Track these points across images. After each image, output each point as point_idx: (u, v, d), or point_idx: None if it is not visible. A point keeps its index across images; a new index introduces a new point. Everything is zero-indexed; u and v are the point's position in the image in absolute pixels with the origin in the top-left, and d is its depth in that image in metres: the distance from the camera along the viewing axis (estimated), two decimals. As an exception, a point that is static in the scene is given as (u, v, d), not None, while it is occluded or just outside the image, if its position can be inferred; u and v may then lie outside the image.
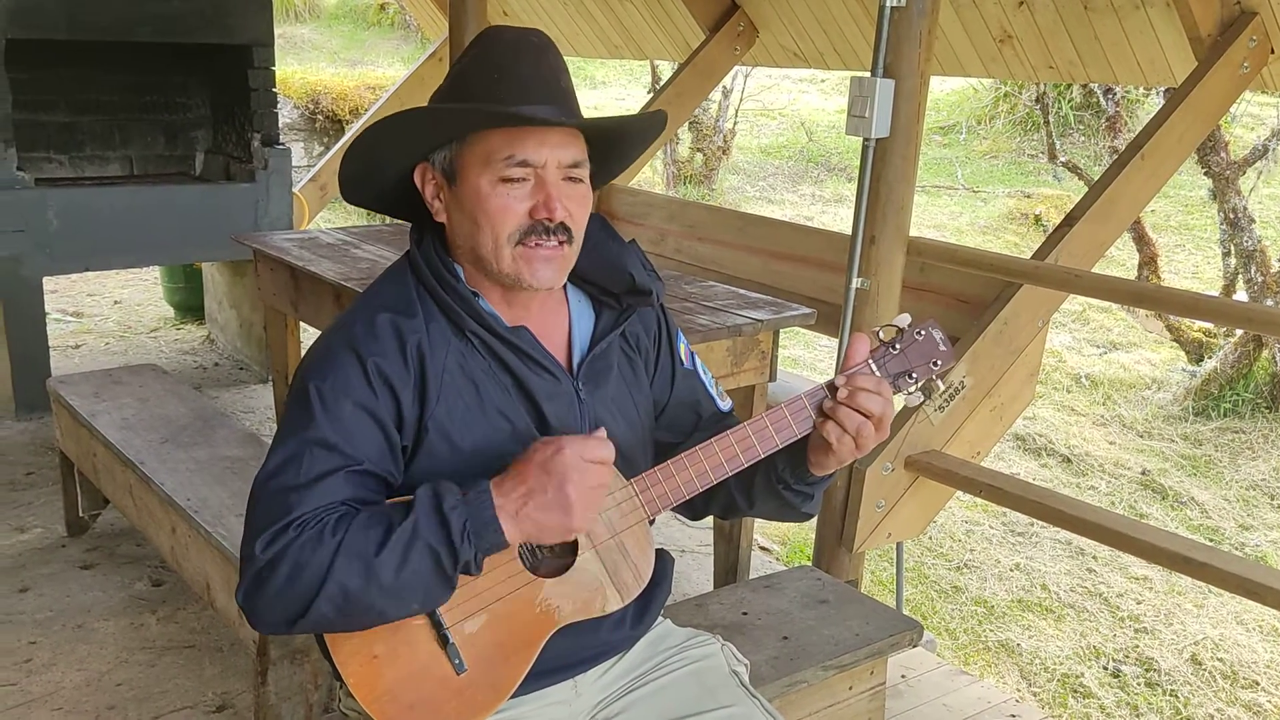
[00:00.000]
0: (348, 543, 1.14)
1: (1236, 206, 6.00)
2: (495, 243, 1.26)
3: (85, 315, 6.07)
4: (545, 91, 1.25)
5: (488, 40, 1.30)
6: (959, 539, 4.68)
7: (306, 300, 3.31)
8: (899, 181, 2.78)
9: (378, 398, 1.23)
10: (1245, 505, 5.16)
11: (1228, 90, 3.06)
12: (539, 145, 1.24)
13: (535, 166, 1.24)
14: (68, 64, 4.73)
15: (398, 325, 1.26)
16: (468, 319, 1.29)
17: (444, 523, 1.15)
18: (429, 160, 1.30)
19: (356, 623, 1.20)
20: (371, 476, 1.23)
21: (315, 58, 11.81)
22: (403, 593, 1.16)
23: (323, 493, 1.19)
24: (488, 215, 1.25)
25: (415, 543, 1.15)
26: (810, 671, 1.89)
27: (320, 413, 1.21)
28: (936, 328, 1.31)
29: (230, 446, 2.79)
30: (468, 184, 1.26)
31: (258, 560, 1.16)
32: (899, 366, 1.29)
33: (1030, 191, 9.43)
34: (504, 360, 1.30)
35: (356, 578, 1.14)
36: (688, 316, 2.73)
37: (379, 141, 1.28)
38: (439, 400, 1.26)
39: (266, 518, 1.18)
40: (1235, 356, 6.03)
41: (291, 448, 1.21)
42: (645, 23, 5.25)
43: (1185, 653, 3.96)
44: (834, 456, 1.28)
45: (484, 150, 1.25)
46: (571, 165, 1.27)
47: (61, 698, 2.52)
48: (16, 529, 3.38)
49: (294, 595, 1.15)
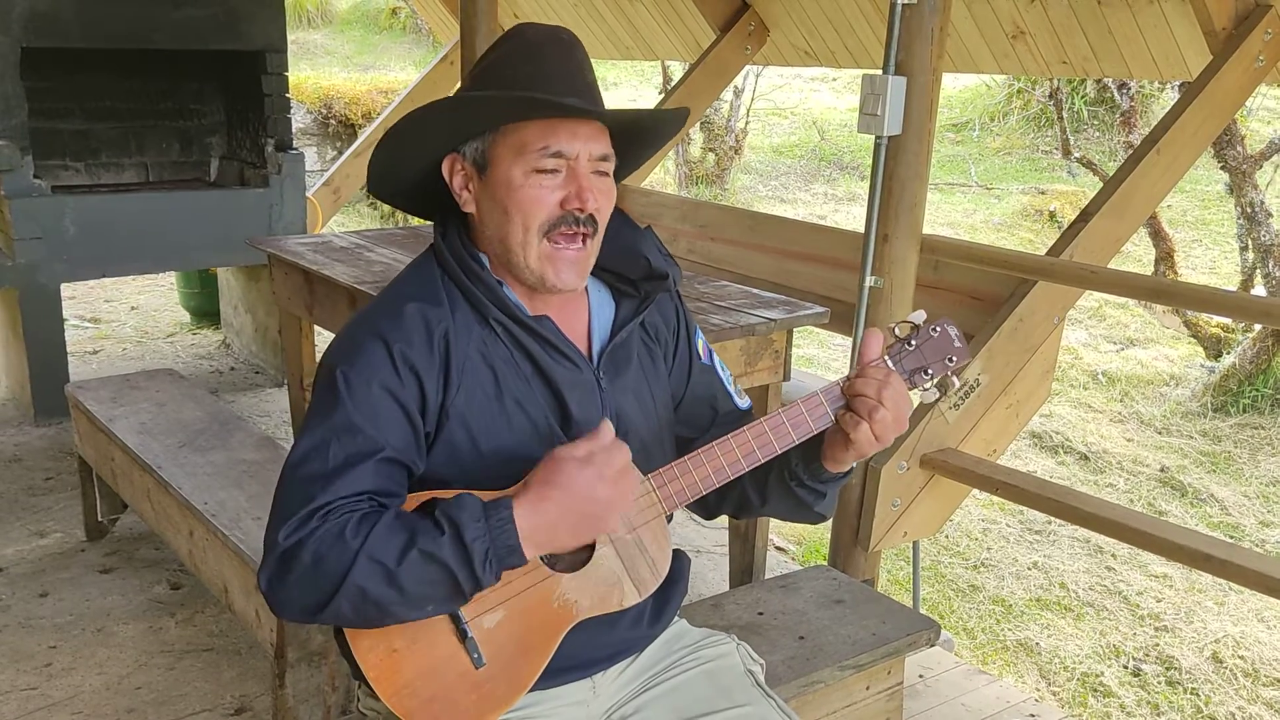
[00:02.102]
0: (369, 546, 1.15)
1: (1254, 201, 5.96)
2: (525, 233, 1.27)
3: (103, 321, 6.11)
4: (574, 85, 1.27)
5: (518, 36, 1.31)
6: (976, 537, 4.66)
7: (321, 304, 3.32)
8: (912, 179, 2.78)
9: (403, 383, 1.24)
10: (1266, 501, 5.12)
11: (1243, 84, 3.03)
12: (572, 137, 1.26)
13: (568, 158, 1.26)
14: (83, 72, 4.77)
15: (425, 314, 1.27)
16: (491, 306, 1.29)
17: (465, 552, 1.15)
18: (459, 151, 1.31)
19: (372, 622, 1.21)
20: (396, 465, 1.23)
21: (328, 63, 11.87)
22: (420, 601, 1.17)
23: (348, 482, 1.19)
24: (519, 205, 1.26)
25: (434, 563, 1.15)
26: (827, 671, 1.88)
27: (346, 397, 1.22)
28: (951, 325, 1.31)
29: (247, 450, 2.81)
30: (499, 174, 1.27)
31: (279, 547, 1.17)
32: (915, 363, 1.30)
33: (1045, 188, 9.38)
34: (526, 348, 1.31)
35: (376, 583, 1.15)
36: (701, 316, 2.72)
37: (416, 130, 1.29)
38: (459, 388, 1.27)
39: (291, 505, 1.19)
40: (1254, 352, 5.98)
41: (318, 435, 1.22)
42: (656, 23, 5.25)
43: (1206, 651, 3.93)
44: (853, 449, 1.27)
45: (518, 141, 1.26)
46: (601, 158, 1.29)
47: (82, 701, 2.54)
48: (36, 534, 3.40)
49: (314, 587, 1.16)
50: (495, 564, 1.16)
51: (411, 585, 1.15)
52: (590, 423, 1.30)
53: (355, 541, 1.15)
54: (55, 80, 4.70)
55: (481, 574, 1.16)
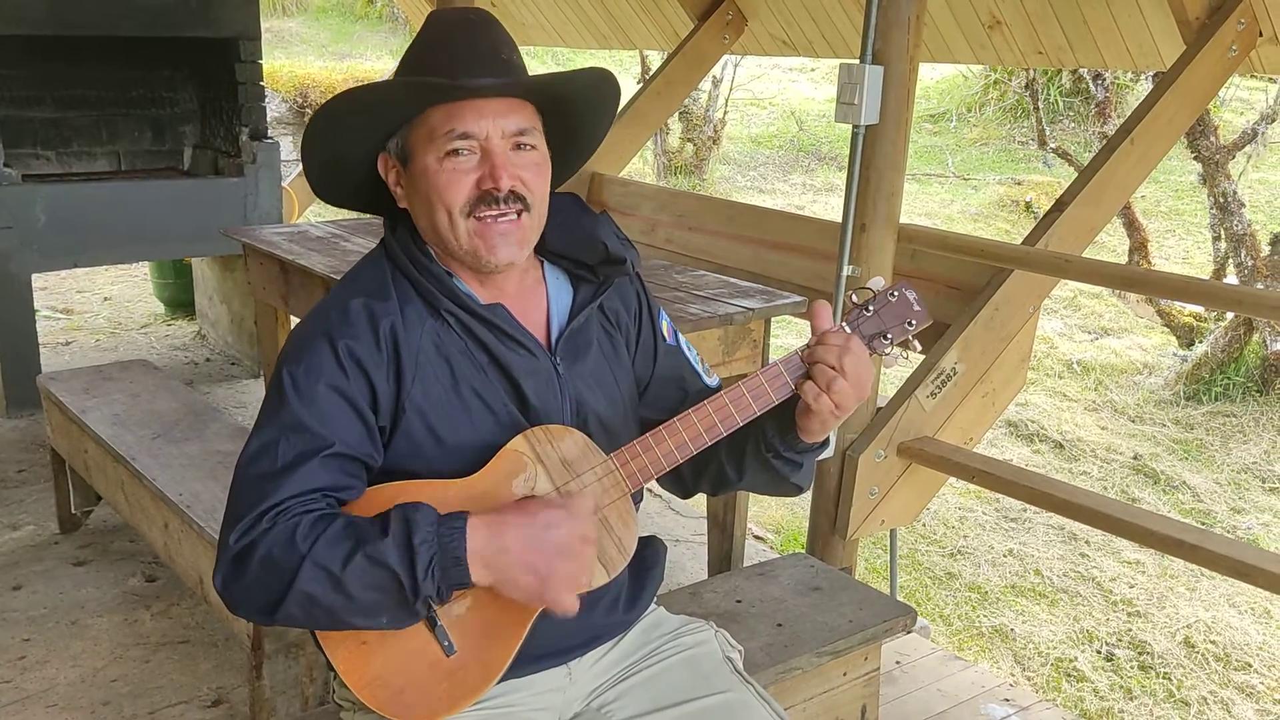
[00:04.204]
0: (316, 552, 1.14)
1: (1226, 191, 6.02)
2: (450, 217, 1.27)
3: (75, 312, 6.04)
4: (483, 64, 1.25)
5: (431, 22, 1.32)
6: (952, 525, 4.70)
7: (297, 294, 3.30)
8: (889, 168, 2.78)
9: (349, 379, 1.24)
10: (1237, 488, 5.18)
11: (1216, 74, 3.06)
12: (478, 116, 1.25)
13: (477, 138, 1.25)
14: (53, 60, 4.70)
15: (370, 308, 1.27)
16: (442, 298, 1.29)
17: (410, 555, 1.14)
18: (385, 149, 1.31)
19: (325, 627, 1.21)
20: (348, 460, 1.23)
21: (303, 51, 11.77)
22: (368, 610, 1.16)
23: (299, 479, 1.19)
24: (437, 191, 1.26)
25: (379, 568, 1.14)
26: (804, 658, 1.89)
27: (293, 397, 1.22)
28: (910, 288, 1.31)
29: (222, 441, 2.79)
30: (418, 165, 1.28)
31: (231, 549, 1.17)
32: (873, 328, 1.30)
33: (1021, 178, 9.45)
34: (480, 338, 1.30)
35: (321, 589, 1.14)
36: (679, 306, 2.72)
37: (326, 134, 1.29)
38: (415, 381, 1.26)
39: (242, 505, 1.19)
40: (1226, 340, 6.05)
41: (267, 434, 1.22)
42: (633, 12, 5.24)
43: (1178, 636, 3.98)
44: (816, 418, 1.27)
45: (427, 129, 1.26)
46: (518, 133, 1.27)
47: (56, 694, 2.52)
48: (9, 526, 3.37)
49: (264, 589, 1.16)
50: (438, 573, 1.15)
51: (357, 591, 1.14)
52: (549, 409, 1.30)
53: (304, 546, 1.15)
54: (25, 68, 4.63)
55: (423, 580, 1.14)
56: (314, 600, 1.14)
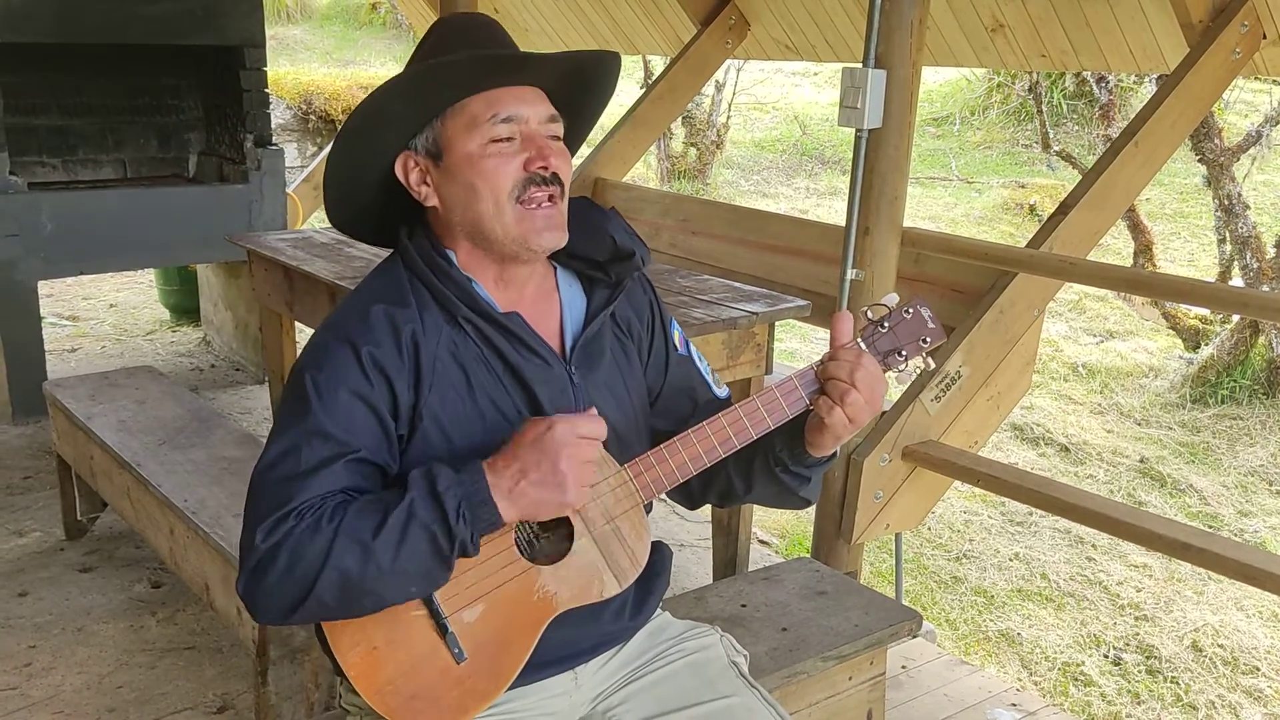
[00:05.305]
0: (345, 526, 1.15)
1: (1231, 193, 6.00)
2: (497, 203, 1.27)
3: (81, 319, 6.06)
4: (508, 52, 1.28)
5: (441, 25, 1.34)
6: (958, 529, 4.69)
7: (301, 300, 3.30)
8: (892, 171, 2.78)
9: (373, 386, 1.24)
10: (1244, 491, 5.17)
11: (1220, 76, 3.06)
12: (519, 101, 1.27)
13: (519, 123, 1.27)
14: (59, 67, 4.72)
15: (391, 315, 1.27)
16: (460, 305, 1.29)
17: (439, 503, 1.16)
18: (409, 148, 1.31)
19: (356, 608, 1.20)
20: (369, 465, 1.23)
21: (307, 58, 11.80)
22: (401, 575, 1.17)
23: (321, 481, 1.19)
24: (484, 176, 1.26)
25: (411, 524, 1.15)
26: (810, 663, 1.89)
27: (316, 402, 1.22)
28: (925, 305, 1.31)
29: (227, 447, 2.79)
30: (457, 155, 1.28)
31: (258, 550, 1.17)
32: (888, 344, 1.30)
33: (1025, 181, 9.43)
34: (496, 346, 1.30)
35: (354, 561, 1.14)
36: (683, 310, 2.72)
37: (361, 131, 1.29)
38: (432, 389, 1.26)
39: (266, 508, 1.18)
40: (1232, 343, 6.03)
41: (289, 439, 1.22)
42: (636, 17, 5.25)
43: (1185, 640, 3.97)
44: (829, 432, 1.27)
45: (467, 117, 1.27)
46: (550, 120, 1.30)
47: (62, 701, 2.52)
48: (15, 533, 3.38)
49: (293, 582, 1.15)
50: (469, 516, 1.16)
51: (389, 558, 1.15)
52: None
53: (330, 526, 1.15)
54: (31, 76, 4.65)
55: (455, 525, 1.16)
56: (346, 577, 1.15)
